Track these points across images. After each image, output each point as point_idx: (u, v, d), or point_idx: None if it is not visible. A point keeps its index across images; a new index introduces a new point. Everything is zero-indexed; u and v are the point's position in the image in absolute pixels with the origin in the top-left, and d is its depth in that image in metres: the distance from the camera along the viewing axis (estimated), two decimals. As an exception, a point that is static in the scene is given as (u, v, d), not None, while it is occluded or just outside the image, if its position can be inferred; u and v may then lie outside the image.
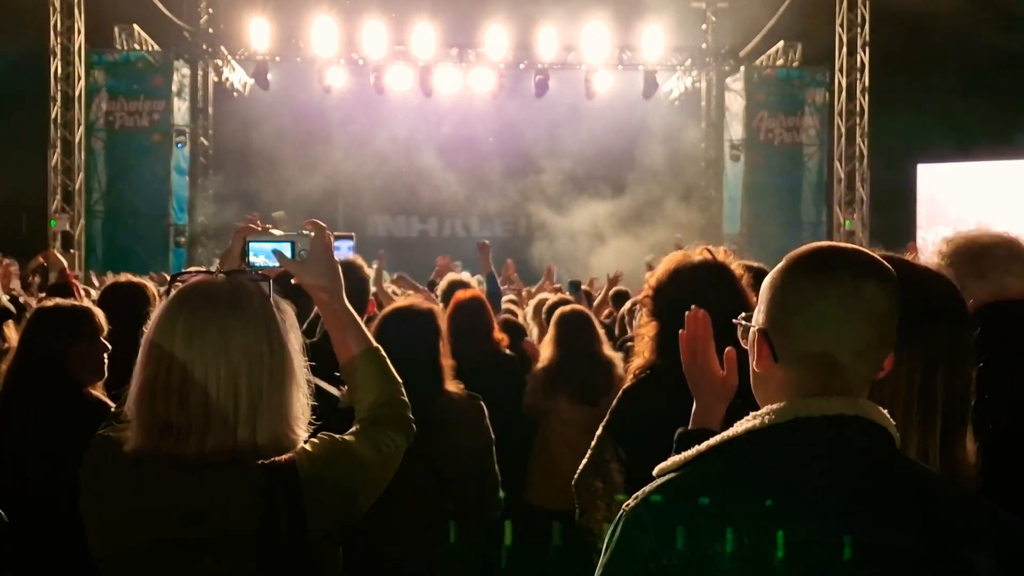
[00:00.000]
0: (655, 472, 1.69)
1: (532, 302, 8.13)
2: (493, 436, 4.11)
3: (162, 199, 21.83)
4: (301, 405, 2.13)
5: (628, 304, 7.13)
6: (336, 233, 2.51)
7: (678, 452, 1.69)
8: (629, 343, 6.11)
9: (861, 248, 1.75)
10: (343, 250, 7.23)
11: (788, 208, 23.44)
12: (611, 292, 9.17)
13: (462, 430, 3.94)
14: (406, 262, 21.86)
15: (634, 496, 1.64)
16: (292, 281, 2.30)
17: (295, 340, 2.14)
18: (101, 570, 2.08)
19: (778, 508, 1.53)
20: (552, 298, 7.63)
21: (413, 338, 3.81)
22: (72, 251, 19.04)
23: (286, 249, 2.29)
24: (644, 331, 3.24)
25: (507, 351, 5.72)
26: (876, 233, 22.09)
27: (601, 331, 5.72)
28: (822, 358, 1.65)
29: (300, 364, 2.14)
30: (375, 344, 2.38)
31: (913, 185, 22.25)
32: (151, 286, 4.85)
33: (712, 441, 1.66)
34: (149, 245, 20.41)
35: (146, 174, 21.70)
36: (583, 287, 11.59)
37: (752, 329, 1.75)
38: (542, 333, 6.39)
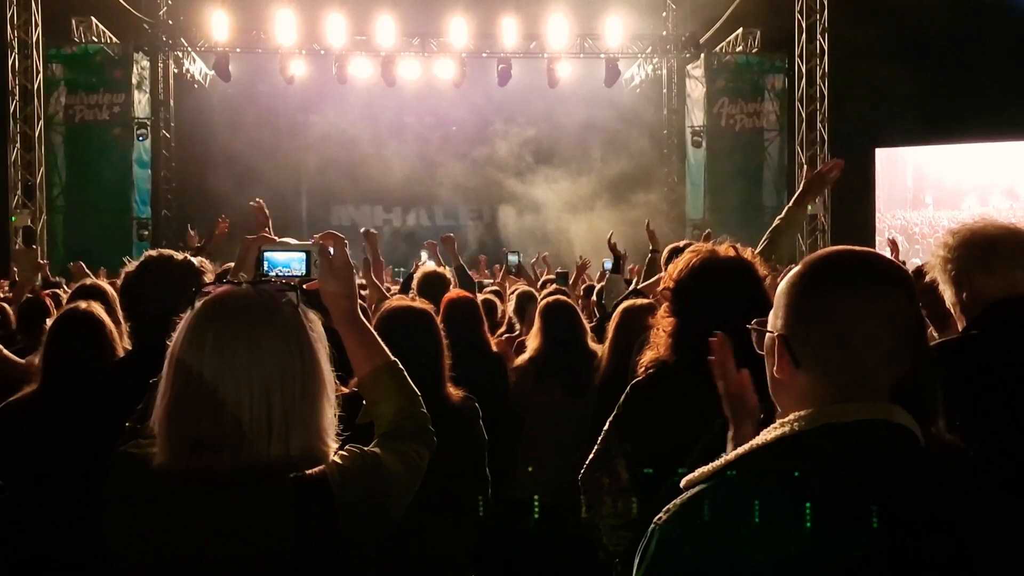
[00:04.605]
0: (683, 484, 1.65)
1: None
2: (486, 438, 4.05)
3: (124, 193, 21.61)
4: (331, 416, 2.06)
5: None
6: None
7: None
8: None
9: (877, 252, 1.74)
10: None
11: (750, 193, 23.63)
12: (582, 286, 9.15)
13: (461, 433, 3.88)
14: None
15: (665, 509, 1.60)
16: (304, 287, 2.24)
17: (323, 350, 2.07)
18: None
19: (816, 516, 1.49)
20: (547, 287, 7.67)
21: (415, 340, 3.70)
22: (34, 247, 18.80)
23: (301, 259, 2.26)
24: (661, 324, 3.11)
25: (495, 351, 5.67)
26: (838, 217, 22.33)
27: (585, 322, 5.69)
28: (845, 364, 1.62)
29: (329, 374, 2.07)
30: (393, 357, 2.33)
31: (872, 169, 22.53)
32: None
33: (741, 450, 1.63)
34: (112, 239, 19.99)
35: (107, 168, 21.46)
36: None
37: (770, 335, 1.72)
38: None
